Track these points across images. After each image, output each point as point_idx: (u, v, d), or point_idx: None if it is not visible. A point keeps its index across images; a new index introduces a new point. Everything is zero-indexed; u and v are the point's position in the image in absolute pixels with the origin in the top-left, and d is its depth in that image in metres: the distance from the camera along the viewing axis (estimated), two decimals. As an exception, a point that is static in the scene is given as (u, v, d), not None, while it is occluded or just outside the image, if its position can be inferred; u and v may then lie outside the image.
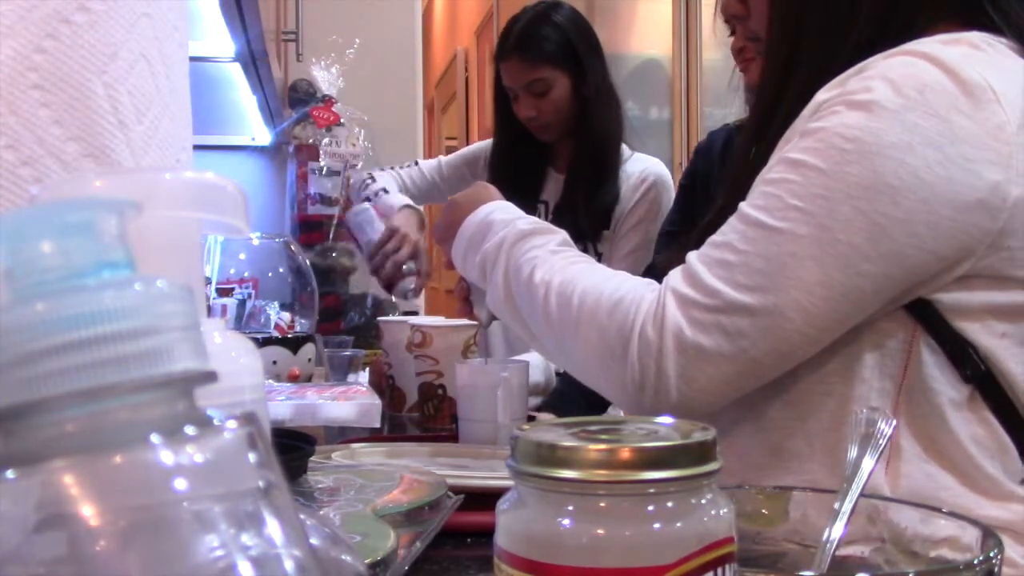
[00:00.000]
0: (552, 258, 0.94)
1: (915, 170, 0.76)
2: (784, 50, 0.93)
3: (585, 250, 1.94)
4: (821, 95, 0.84)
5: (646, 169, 1.99)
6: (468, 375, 1.20)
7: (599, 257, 1.94)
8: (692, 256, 0.84)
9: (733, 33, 1.75)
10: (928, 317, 0.81)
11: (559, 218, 1.96)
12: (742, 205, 0.83)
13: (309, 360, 1.55)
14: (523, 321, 0.95)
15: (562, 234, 0.99)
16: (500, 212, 1.03)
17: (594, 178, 1.96)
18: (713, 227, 0.87)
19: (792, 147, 0.82)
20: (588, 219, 1.94)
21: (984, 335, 0.81)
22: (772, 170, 0.83)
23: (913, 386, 0.82)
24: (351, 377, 1.65)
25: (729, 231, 0.83)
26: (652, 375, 0.81)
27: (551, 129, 1.99)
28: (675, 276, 0.84)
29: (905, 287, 0.80)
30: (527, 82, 1.95)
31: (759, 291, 0.79)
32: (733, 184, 0.94)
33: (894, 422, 0.59)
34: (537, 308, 0.91)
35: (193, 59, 0.55)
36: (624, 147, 2.01)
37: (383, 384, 1.57)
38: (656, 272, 0.98)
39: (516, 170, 2.01)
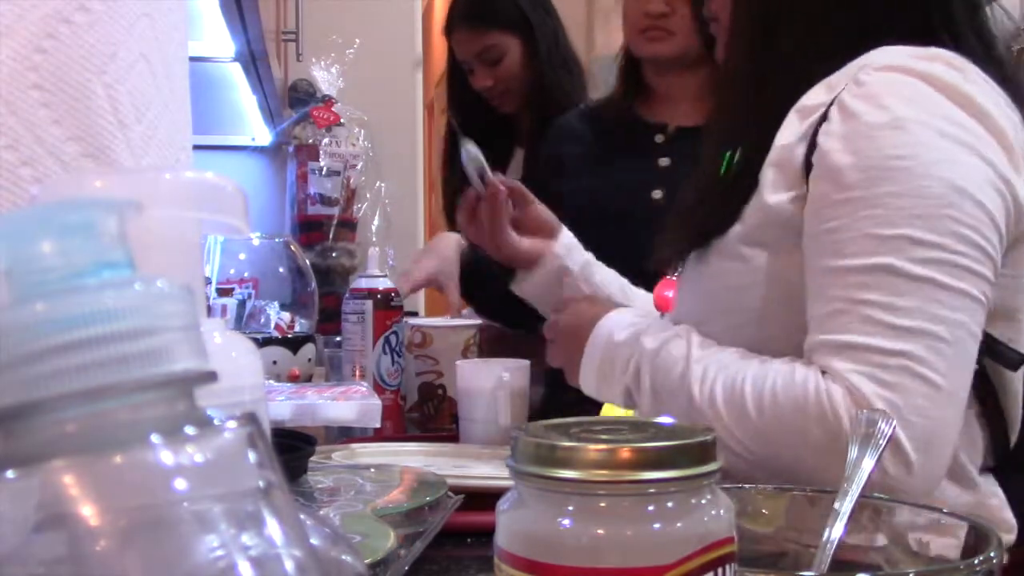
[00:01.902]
0: (688, 381, 0.87)
1: (976, 169, 0.79)
2: (755, 50, 0.94)
3: None
4: (809, 99, 0.86)
5: None
6: (469, 376, 1.20)
7: None
8: (819, 340, 0.81)
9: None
10: None
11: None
12: (836, 265, 0.81)
13: (309, 360, 1.55)
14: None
15: (685, 335, 0.91)
16: (619, 331, 0.96)
17: None
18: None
19: (835, 187, 0.81)
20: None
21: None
22: (829, 218, 0.81)
23: None
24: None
25: (853, 291, 0.79)
26: (888, 454, 0.75)
27: (510, 98, 1.93)
28: (827, 353, 0.80)
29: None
30: (478, 51, 1.91)
31: (918, 325, 0.77)
32: (708, 192, 0.94)
33: (894, 422, 0.59)
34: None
35: (193, 59, 0.55)
36: None
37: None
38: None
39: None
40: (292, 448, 0.78)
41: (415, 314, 2.75)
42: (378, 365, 1.32)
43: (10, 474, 0.24)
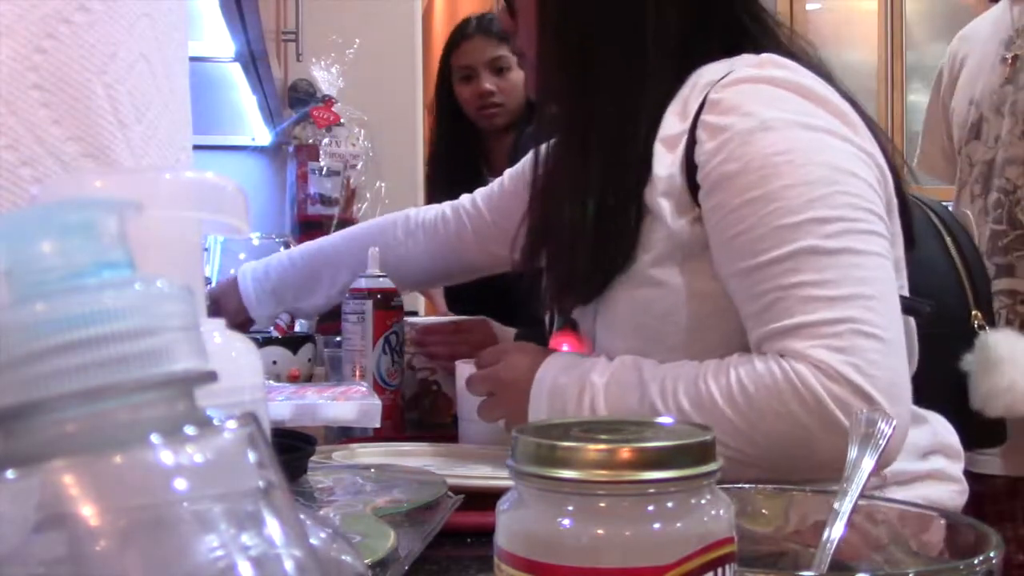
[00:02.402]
0: (649, 387, 0.88)
1: (837, 151, 0.88)
2: (573, 86, 0.98)
3: None
4: (668, 130, 0.92)
5: None
6: (467, 376, 1.20)
7: None
8: (765, 331, 0.85)
9: None
10: None
11: None
12: (752, 264, 0.86)
13: (309, 360, 1.55)
14: None
15: (632, 362, 0.93)
16: (562, 375, 0.95)
17: None
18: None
19: (731, 195, 0.87)
20: None
21: None
22: (729, 226, 0.88)
23: None
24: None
25: (768, 282, 0.85)
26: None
27: (503, 111, 2.05)
28: (779, 339, 0.84)
29: None
30: (490, 58, 2.04)
31: (850, 291, 0.83)
32: (584, 242, 0.97)
33: (894, 422, 0.59)
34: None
35: (193, 59, 0.55)
36: None
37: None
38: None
39: (454, 175, 2.03)
40: (292, 448, 0.78)
41: (415, 313, 2.75)
42: (378, 365, 1.32)
43: (10, 474, 0.24)
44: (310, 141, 2.82)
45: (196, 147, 0.54)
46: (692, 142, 0.91)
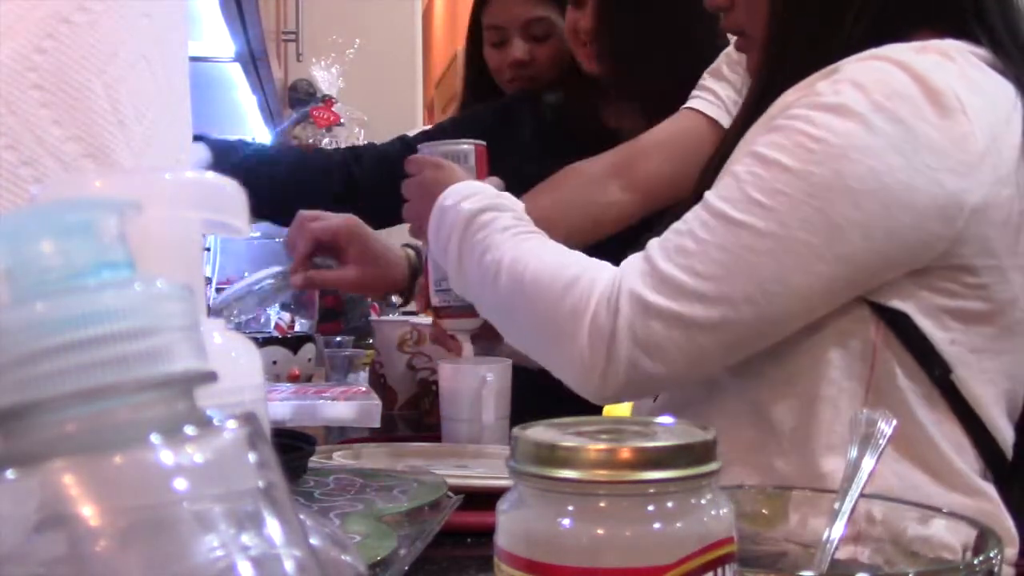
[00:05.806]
0: (501, 236, 0.93)
1: (878, 175, 0.77)
2: (774, 49, 0.94)
3: None
4: (789, 95, 0.86)
5: None
6: (451, 376, 1.20)
7: None
8: (653, 242, 0.84)
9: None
10: (893, 320, 0.82)
11: None
12: (708, 194, 0.83)
13: (309, 360, 1.56)
14: (480, 303, 0.96)
15: (511, 209, 0.97)
16: (450, 197, 1.00)
17: None
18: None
19: (761, 142, 0.82)
20: None
21: (940, 340, 0.82)
22: (740, 162, 0.83)
23: (881, 387, 0.82)
24: (351, 377, 1.65)
25: (692, 219, 0.82)
26: (602, 359, 0.81)
27: (533, 86, 1.67)
28: (633, 261, 0.84)
29: (854, 289, 0.81)
30: (527, 20, 1.63)
31: (713, 280, 0.79)
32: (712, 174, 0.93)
33: (894, 422, 0.59)
34: (487, 287, 0.91)
35: (193, 59, 0.55)
36: None
37: (376, 382, 1.57)
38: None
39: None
40: (292, 448, 0.78)
41: (415, 313, 2.75)
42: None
43: (10, 474, 0.24)
44: (310, 141, 2.82)
45: (196, 147, 0.54)
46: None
